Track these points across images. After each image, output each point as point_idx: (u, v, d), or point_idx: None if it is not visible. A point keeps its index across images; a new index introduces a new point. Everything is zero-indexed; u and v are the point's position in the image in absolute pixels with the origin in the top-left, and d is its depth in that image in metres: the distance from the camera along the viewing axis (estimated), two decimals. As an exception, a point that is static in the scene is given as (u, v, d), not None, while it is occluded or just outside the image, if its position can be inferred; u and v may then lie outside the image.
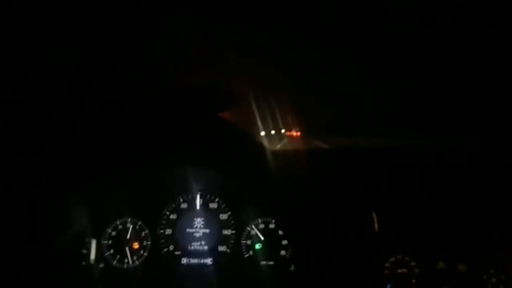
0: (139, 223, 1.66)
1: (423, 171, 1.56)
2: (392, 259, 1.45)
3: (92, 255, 1.62)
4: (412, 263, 1.44)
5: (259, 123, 1.87)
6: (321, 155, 1.74)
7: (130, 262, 1.63)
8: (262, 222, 1.63)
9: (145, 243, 1.64)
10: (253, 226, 1.63)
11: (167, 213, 1.67)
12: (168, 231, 1.65)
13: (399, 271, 1.44)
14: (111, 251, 1.64)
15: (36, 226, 1.55)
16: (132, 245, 1.64)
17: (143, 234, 1.65)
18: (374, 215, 1.50)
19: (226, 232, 1.64)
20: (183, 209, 1.67)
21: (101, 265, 1.63)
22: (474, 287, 1.40)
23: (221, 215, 1.66)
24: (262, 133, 1.88)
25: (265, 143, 1.68)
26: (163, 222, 1.66)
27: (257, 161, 1.63)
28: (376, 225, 1.50)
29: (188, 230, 1.66)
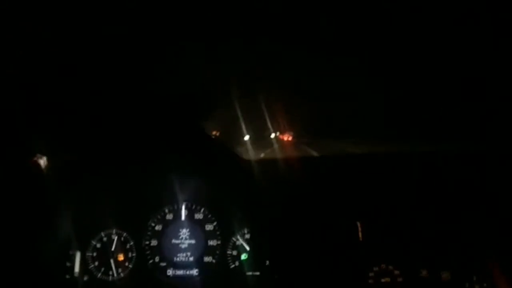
0: (124, 234, 1.65)
1: (407, 180, 1.57)
2: (376, 268, 1.46)
3: (77, 268, 1.61)
4: (396, 272, 1.45)
5: (244, 132, 1.88)
6: (305, 164, 1.75)
7: (115, 274, 1.61)
8: (248, 232, 1.63)
9: (130, 254, 1.63)
10: (238, 237, 1.62)
11: (152, 224, 1.66)
12: (154, 243, 1.64)
13: (383, 280, 1.45)
14: (96, 263, 1.62)
15: (19, 239, 1.54)
16: (117, 257, 1.63)
17: (128, 245, 1.64)
18: (358, 224, 1.51)
19: (212, 242, 1.64)
20: (169, 220, 1.67)
21: (86, 278, 1.61)
22: (457, 295, 1.42)
23: (206, 226, 1.65)
24: (247, 142, 1.89)
25: (250, 152, 1.69)
26: (148, 233, 1.65)
27: (242, 170, 1.63)
28: (360, 234, 1.50)
29: (173, 241, 1.65)
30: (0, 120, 1.47)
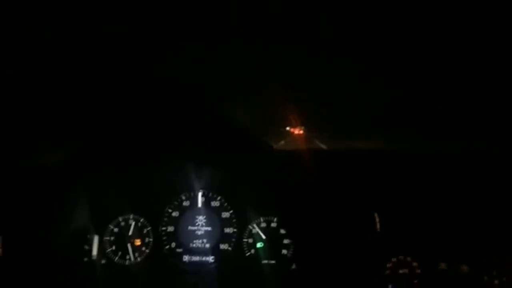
0: (141, 220, 1.66)
1: (426, 173, 1.55)
2: (394, 259, 1.45)
3: (94, 251, 1.63)
4: (414, 264, 1.44)
5: (262, 121, 1.87)
6: (324, 155, 1.74)
7: (132, 258, 1.63)
8: (264, 221, 1.63)
9: (147, 240, 1.65)
10: (254, 225, 1.63)
11: (169, 210, 1.67)
12: (170, 229, 1.66)
13: (400, 271, 1.44)
14: (113, 247, 1.64)
15: (39, 223, 1.56)
16: (134, 241, 1.64)
17: (145, 231, 1.65)
18: (376, 216, 1.50)
19: (228, 230, 1.64)
20: (186, 206, 1.67)
21: (103, 261, 1.63)
22: (475, 288, 1.40)
23: (223, 213, 1.66)
24: (265, 132, 1.88)
25: (268, 141, 1.68)
26: (165, 219, 1.66)
27: (260, 159, 1.63)
28: (378, 226, 1.49)
29: (190, 227, 1.66)
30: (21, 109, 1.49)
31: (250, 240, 1.62)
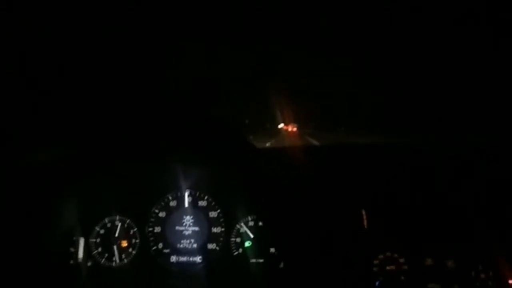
0: (128, 221, 1.64)
1: (412, 168, 1.56)
2: (381, 256, 1.45)
3: (80, 254, 1.61)
4: (401, 260, 1.44)
5: (249, 119, 1.86)
6: (310, 152, 1.74)
7: (118, 260, 1.61)
8: (252, 220, 1.62)
9: (133, 241, 1.63)
10: (242, 224, 1.62)
11: (156, 211, 1.65)
12: (157, 229, 1.64)
13: (387, 268, 1.44)
14: (99, 249, 1.62)
15: (23, 225, 1.54)
16: (120, 243, 1.63)
17: (131, 232, 1.64)
18: (363, 212, 1.50)
19: (216, 230, 1.63)
20: (172, 207, 1.66)
21: (89, 264, 1.61)
22: (462, 283, 1.40)
23: (210, 213, 1.65)
24: (258, 129, 1.87)
25: (255, 140, 1.67)
26: (152, 220, 1.64)
27: (247, 158, 1.62)
28: (365, 222, 1.49)
29: (177, 228, 1.64)
30: (7, 109, 1.47)
31: (238, 240, 1.61)
